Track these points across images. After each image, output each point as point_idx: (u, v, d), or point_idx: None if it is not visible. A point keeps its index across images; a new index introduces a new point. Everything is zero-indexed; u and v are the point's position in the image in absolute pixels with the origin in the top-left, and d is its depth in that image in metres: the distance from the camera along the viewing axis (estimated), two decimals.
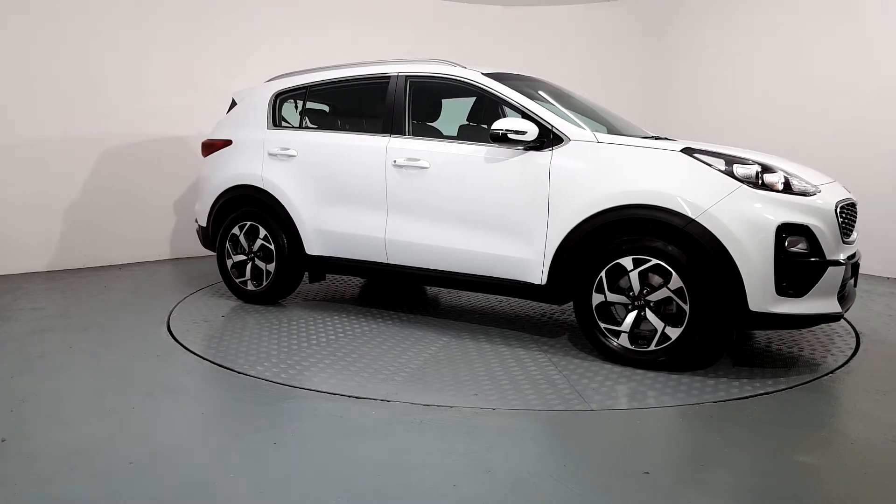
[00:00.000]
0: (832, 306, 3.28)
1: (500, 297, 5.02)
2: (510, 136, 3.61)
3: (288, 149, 4.53)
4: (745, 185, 3.22)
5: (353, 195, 4.28)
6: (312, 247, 4.49)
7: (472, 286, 4.03)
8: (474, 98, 4.46)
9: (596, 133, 3.63)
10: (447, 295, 5.18)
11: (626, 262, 3.39)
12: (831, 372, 3.49)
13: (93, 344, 3.92)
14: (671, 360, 3.38)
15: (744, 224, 3.15)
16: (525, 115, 3.75)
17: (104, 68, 6.13)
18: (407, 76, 4.24)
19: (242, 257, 4.78)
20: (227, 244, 4.83)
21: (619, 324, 3.47)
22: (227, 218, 4.83)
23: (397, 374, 3.40)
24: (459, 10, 7.91)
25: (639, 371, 3.43)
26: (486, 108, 4.58)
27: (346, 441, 2.66)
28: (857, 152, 5.96)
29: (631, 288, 3.42)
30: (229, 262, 4.84)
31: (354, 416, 2.91)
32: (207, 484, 2.32)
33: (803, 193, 3.28)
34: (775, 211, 3.18)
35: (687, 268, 3.26)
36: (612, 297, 3.47)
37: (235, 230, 4.78)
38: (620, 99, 7.09)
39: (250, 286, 4.79)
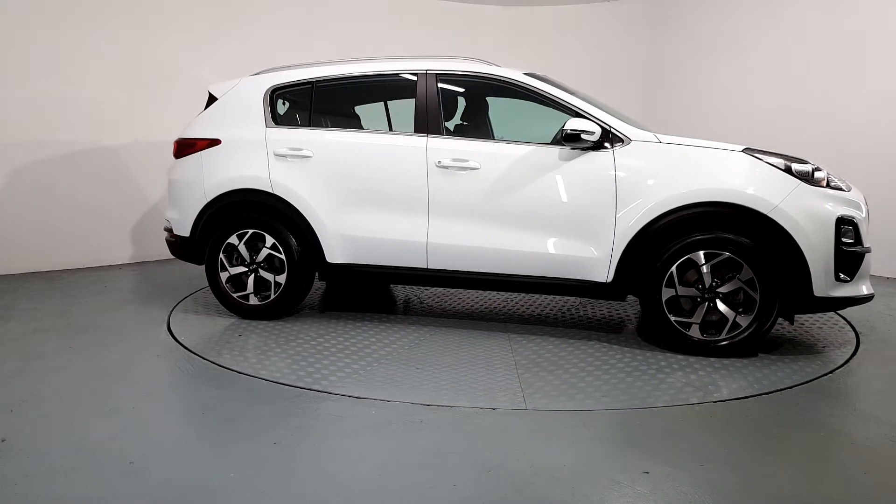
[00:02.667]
0: (869, 288, 3.67)
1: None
2: (583, 136, 3.63)
3: (300, 149, 4.17)
4: (803, 183, 3.52)
5: (386, 198, 4.04)
6: (335, 254, 4.17)
7: (527, 287, 3.98)
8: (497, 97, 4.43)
9: (656, 134, 3.74)
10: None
11: (698, 256, 3.58)
12: (831, 372, 3.49)
13: (93, 344, 3.92)
14: (741, 346, 3.60)
15: (809, 218, 3.47)
16: (579, 116, 3.77)
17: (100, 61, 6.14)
18: (437, 74, 4.12)
19: (241, 269, 4.32)
20: (221, 255, 4.35)
21: (690, 315, 3.65)
22: (220, 226, 4.34)
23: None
24: (458, 10, 7.91)
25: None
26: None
27: (347, 441, 2.66)
28: (858, 151, 5.95)
29: (701, 280, 3.61)
30: (224, 276, 4.35)
31: (354, 416, 2.91)
32: (208, 484, 2.32)
33: (841, 189, 3.62)
34: (831, 205, 3.52)
35: (757, 259, 3.50)
36: (682, 290, 3.63)
37: (233, 239, 4.30)
38: (619, 99, 7.07)
39: (253, 300, 4.34)
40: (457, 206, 3.93)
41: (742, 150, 3.62)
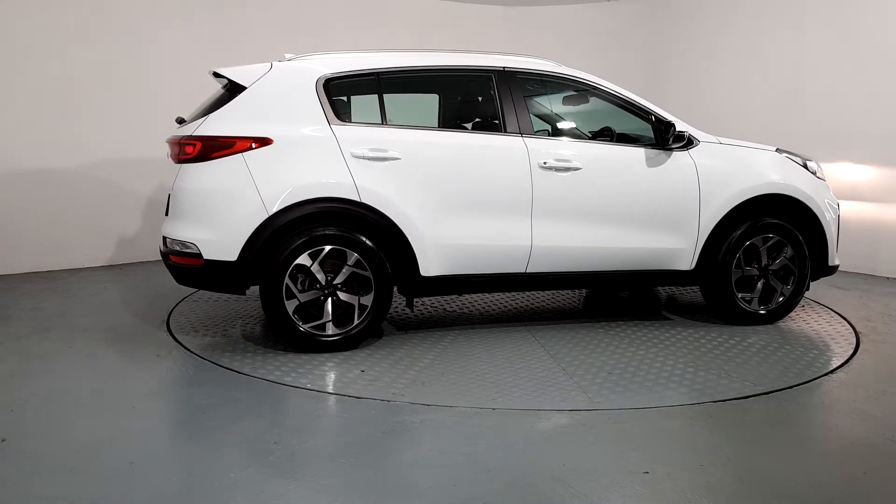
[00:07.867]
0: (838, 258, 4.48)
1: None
2: (685, 136, 4.02)
3: (385, 150, 3.69)
4: (815, 177, 4.32)
5: (488, 201, 3.83)
6: (430, 266, 3.77)
7: (617, 281, 4.38)
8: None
9: (717, 136, 4.21)
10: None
11: (758, 241, 4.18)
12: (831, 372, 3.49)
13: (93, 344, 3.92)
14: (783, 310, 4.32)
15: (826, 204, 4.27)
16: (658, 120, 4.05)
17: (100, 62, 6.13)
18: (517, 72, 4.02)
19: (315, 294, 3.67)
20: (287, 280, 3.62)
21: (750, 291, 4.24)
22: (286, 245, 3.59)
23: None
24: (460, 10, 7.90)
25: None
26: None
27: (346, 441, 2.66)
28: (859, 149, 5.96)
29: (759, 261, 4.22)
30: (291, 305, 3.61)
31: (355, 416, 2.92)
32: (207, 484, 2.33)
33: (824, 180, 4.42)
34: (832, 194, 4.39)
35: (795, 240, 4.20)
36: (747, 270, 4.21)
37: (304, 259, 3.61)
38: None
39: (331, 329, 3.70)
40: (560, 207, 3.94)
41: (775, 150, 4.29)
